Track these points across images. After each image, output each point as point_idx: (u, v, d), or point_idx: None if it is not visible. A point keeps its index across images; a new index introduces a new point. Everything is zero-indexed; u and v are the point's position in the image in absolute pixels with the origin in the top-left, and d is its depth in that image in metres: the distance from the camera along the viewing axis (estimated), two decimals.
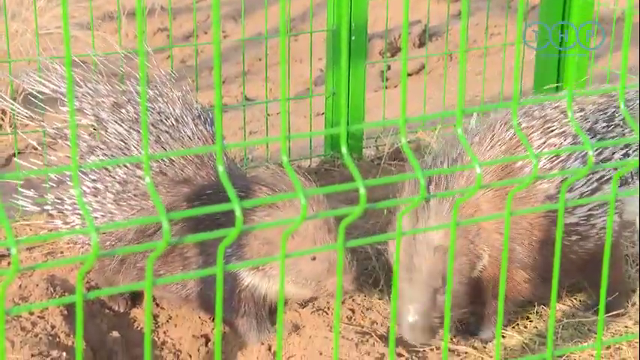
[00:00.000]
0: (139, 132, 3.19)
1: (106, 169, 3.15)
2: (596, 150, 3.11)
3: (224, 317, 3.16)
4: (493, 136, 3.07)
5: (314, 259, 3.00)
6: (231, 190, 1.39)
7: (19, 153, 3.94)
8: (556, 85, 4.24)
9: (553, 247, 2.93)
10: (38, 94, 3.29)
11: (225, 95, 5.31)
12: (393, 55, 5.69)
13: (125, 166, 3.14)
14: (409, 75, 5.54)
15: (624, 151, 3.11)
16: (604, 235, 3.08)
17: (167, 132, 3.19)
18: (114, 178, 3.15)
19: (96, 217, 3.14)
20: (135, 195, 3.13)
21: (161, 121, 3.20)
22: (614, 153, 3.10)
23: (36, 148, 3.48)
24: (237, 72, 5.46)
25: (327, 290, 3.06)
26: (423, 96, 4.33)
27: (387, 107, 4.34)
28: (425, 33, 5.53)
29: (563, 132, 3.06)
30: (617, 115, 3.15)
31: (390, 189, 3.27)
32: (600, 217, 3.07)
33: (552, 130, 3.06)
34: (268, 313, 3.19)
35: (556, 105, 3.11)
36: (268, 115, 4.36)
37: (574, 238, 3.05)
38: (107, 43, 4.61)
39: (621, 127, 3.14)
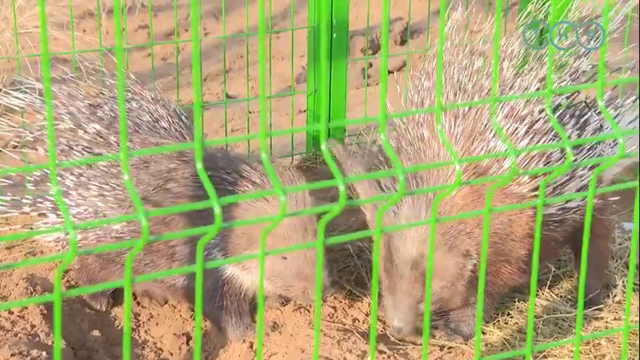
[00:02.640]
0: (116, 129, 3.20)
1: (88, 164, 3.16)
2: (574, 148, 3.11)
3: (207, 313, 3.16)
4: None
5: (285, 258, 2.98)
6: (210, 187, 1.39)
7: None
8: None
9: (533, 238, 2.93)
10: (15, 106, 3.32)
11: (207, 93, 5.29)
12: (374, 53, 5.68)
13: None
14: (390, 72, 5.54)
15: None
16: (582, 207, 3.09)
17: (146, 126, 3.20)
18: (95, 171, 3.15)
19: (80, 212, 3.14)
20: (118, 185, 3.13)
21: (138, 116, 3.22)
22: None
23: (16, 146, 3.47)
24: (218, 70, 5.45)
25: (294, 293, 3.03)
26: (404, 93, 4.33)
27: (369, 105, 4.33)
28: (406, 30, 5.54)
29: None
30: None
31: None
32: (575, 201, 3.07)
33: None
34: (250, 310, 3.19)
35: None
36: (250, 112, 4.35)
37: (552, 227, 3.05)
38: (86, 41, 4.59)
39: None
